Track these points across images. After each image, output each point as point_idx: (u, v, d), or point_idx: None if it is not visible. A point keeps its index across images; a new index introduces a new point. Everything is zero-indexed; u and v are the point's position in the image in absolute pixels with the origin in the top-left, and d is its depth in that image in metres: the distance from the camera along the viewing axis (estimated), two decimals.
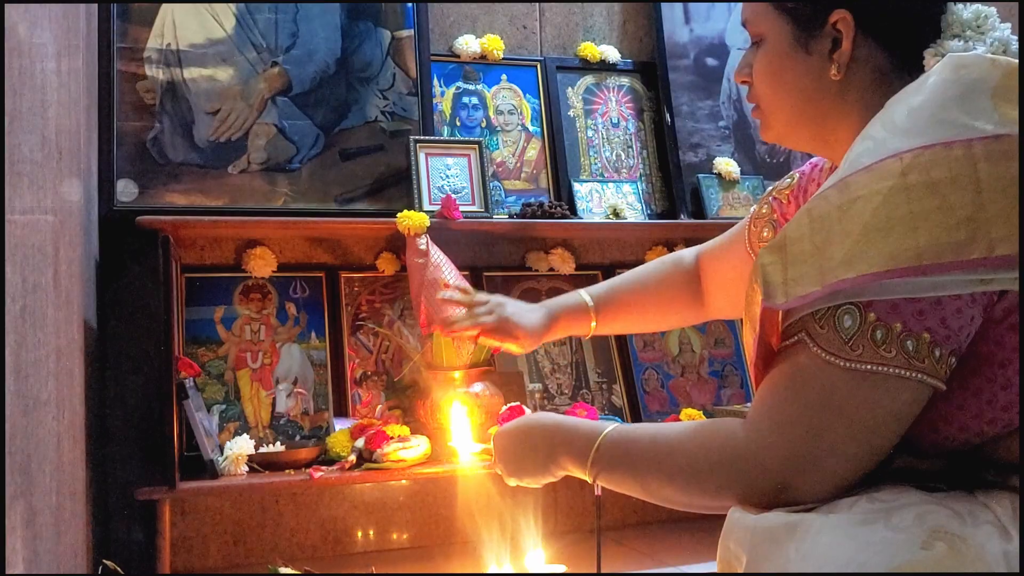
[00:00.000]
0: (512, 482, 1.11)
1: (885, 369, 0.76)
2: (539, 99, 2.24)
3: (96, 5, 1.85)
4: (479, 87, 2.20)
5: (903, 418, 0.79)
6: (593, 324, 1.35)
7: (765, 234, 1.21)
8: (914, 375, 0.76)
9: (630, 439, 0.95)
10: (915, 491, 0.80)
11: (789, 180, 1.20)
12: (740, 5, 1.03)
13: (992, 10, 0.91)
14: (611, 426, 0.97)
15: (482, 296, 1.36)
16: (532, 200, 2.08)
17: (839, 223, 0.77)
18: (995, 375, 0.79)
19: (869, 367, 0.76)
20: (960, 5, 0.91)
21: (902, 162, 0.76)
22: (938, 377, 0.77)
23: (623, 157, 2.27)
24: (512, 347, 1.33)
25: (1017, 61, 0.81)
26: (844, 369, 0.77)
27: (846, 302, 0.77)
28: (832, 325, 0.77)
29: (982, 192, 0.73)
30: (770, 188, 1.24)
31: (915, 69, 0.90)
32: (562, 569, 1.74)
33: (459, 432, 1.52)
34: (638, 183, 2.24)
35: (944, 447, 0.84)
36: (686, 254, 1.38)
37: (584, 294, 1.36)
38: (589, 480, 0.98)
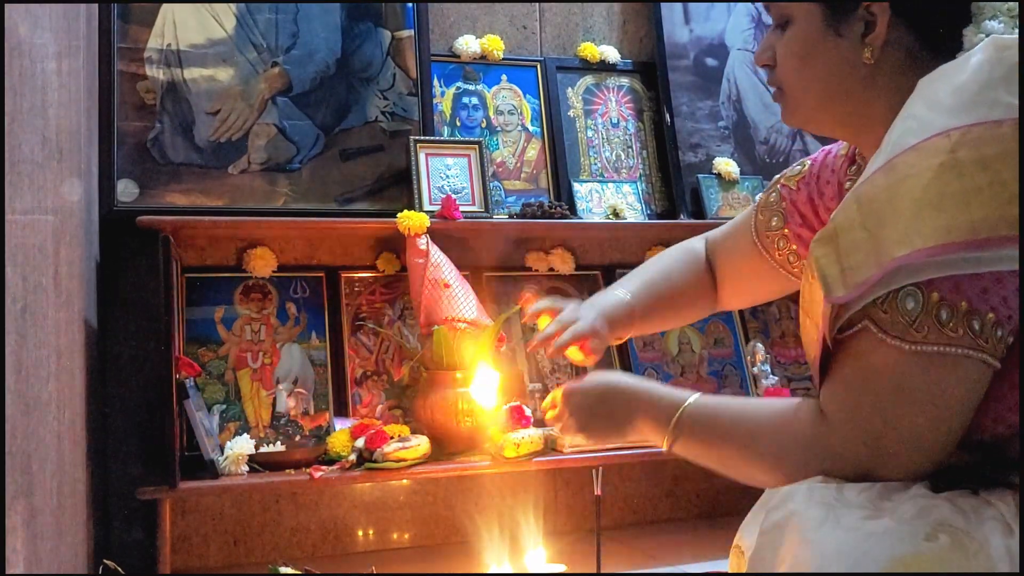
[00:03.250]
0: (569, 439, 1.08)
1: (953, 350, 0.75)
2: (539, 99, 2.24)
3: (96, 5, 1.85)
4: (479, 87, 2.20)
5: (972, 399, 0.78)
6: (634, 325, 1.24)
7: (774, 223, 1.18)
8: (979, 355, 0.76)
9: (712, 413, 0.95)
10: (920, 487, 0.81)
11: (800, 167, 1.18)
12: (740, 5, 1.02)
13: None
14: (693, 396, 0.97)
15: (560, 303, 1.24)
16: (532, 200, 2.08)
17: (889, 204, 0.77)
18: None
19: (936, 348, 0.76)
20: None
21: (950, 139, 0.76)
22: (998, 357, 0.76)
23: (623, 157, 2.27)
24: (588, 359, 1.18)
25: None
26: (911, 352, 0.76)
27: (907, 284, 0.76)
28: (895, 308, 0.77)
29: None
30: (778, 176, 1.21)
31: (945, 52, 0.90)
32: (562, 569, 1.74)
33: (484, 389, 1.46)
34: (638, 183, 2.24)
35: (976, 439, 0.83)
36: (696, 244, 1.33)
37: (623, 294, 1.23)
38: (664, 448, 0.98)
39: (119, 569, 1.51)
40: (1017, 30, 0.90)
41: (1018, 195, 0.74)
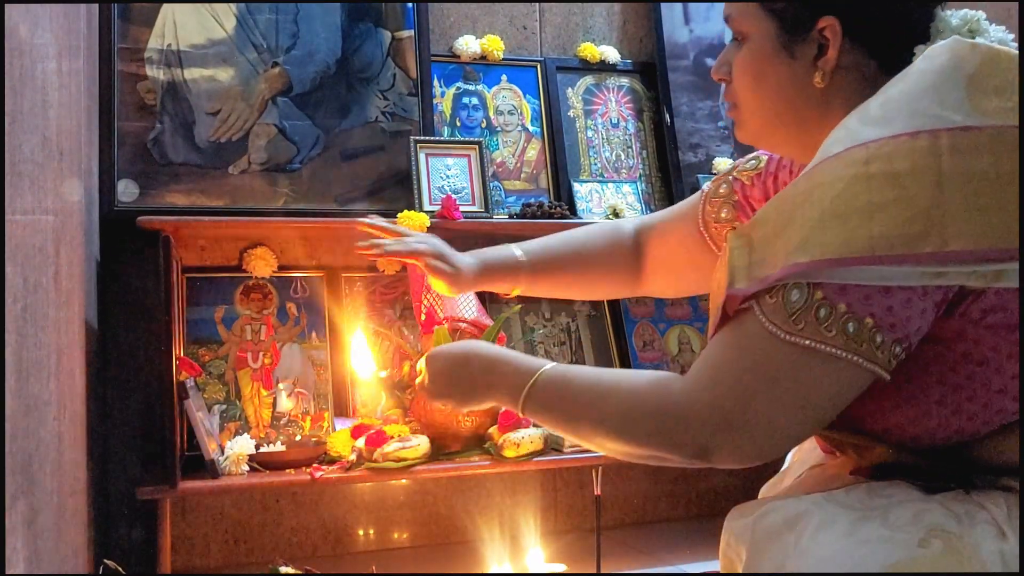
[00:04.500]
0: (437, 404, 1.10)
1: (823, 347, 0.76)
2: (539, 99, 2.24)
3: (97, 5, 1.86)
4: (479, 87, 2.20)
5: (836, 398, 0.79)
6: (518, 288, 1.29)
7: (724, 214, 1.17)
8: (851, 357, 0.76)
9: (567, 379, 0.95)
10: (913, 489, 0.81)
11: (755, 162, 1.16)
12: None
13: (981, 13, 0.89)
14: (549, 364, 0.97)
15: (405, 229, 1.31)
16: (532, 200, 2.08)
17: (800, 208, 0.78)
18: (974, 373, 0.79)
19: (808, 343, 0.76)
20: (949, 12, 0.90)
21: (867, 151, 0.76)
22: (878, 363, 0.76)
23: (623, 157, 2.28)
24: (442, 284, 1.25)
25: (1000, 47, 0.80)
26: (784, 342, 0.77)
27: (799, 280, 0.77)
28: (780, 298, 0.77)
29: (943, 185, 0.73)
30: (729, 168, 1.20)
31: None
32: (562, 569, 1.74)
33: (359, 356, 1.51)
34: (638, 183, 2.24)
35: (926, 443, 0.84)
36: (625, 224, 1.33)
37: (517, 252, 1.29)
38: (520, 413, 0.98)
39: (119, 569, 1.51)
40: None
41: (962, 205, 0.73)
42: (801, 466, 1.00)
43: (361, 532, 2.03)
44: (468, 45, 2.19)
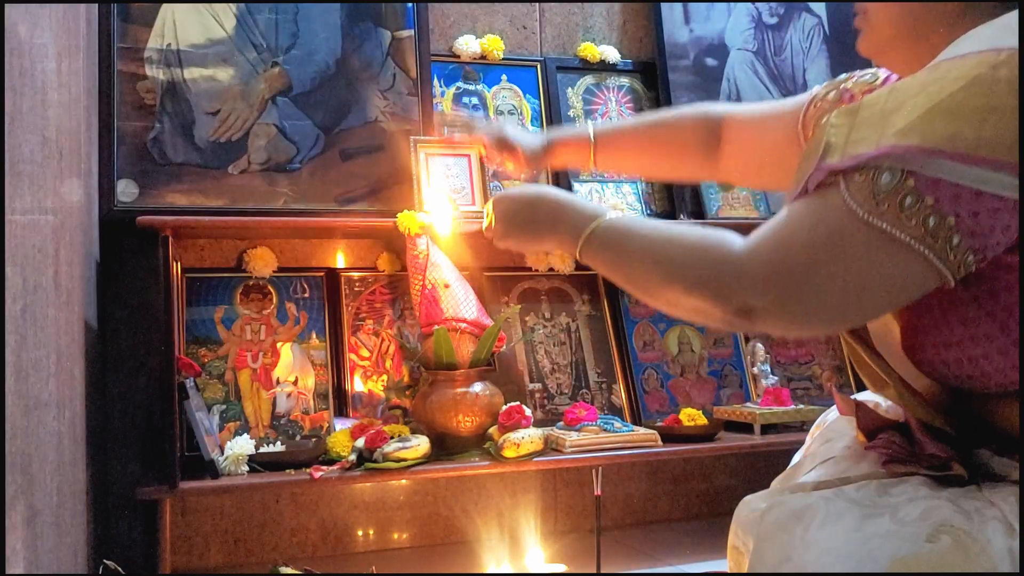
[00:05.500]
0: (501, 244, 1.12)
1: (899, 234, 0.75)
2: (539, 99, 2.24)
3: (96, 5, 1.85)
4: (479, 87, 2.20)
5: (895, 290, 0.78)
6: (592, 158, 1.30)
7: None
8: (923, 250, 0.75)
9: (631, 224, 0.96)
10: (924, 487, 0.80)
11: (871, 76, 1.15)
12: (740, 5, 1.01)
13: None
14: (616, 212, 0.98)
15: (481, 118, 1.36)
16: None
17: (913, 97, 0.77)
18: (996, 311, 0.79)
19: (885, 227, 0.76)
20: None
21: (998, 56, 0.75)
22: (947, 264, 0.76)
23: None
24: (510, 165, 1.29)
25: None
26: (862, 220, 0.76)
27: (893, 164, 0.76)
28: (870, 177, 0.77)
29: None
30: (843, 77, 1.18)
31: None
32: (562, 569, 1.74)
33: (439, 216, 1.64)
34: (638, 183, 2.24)
35: (978, 386, 0.83)
36: (712, 108, 1.31)
37: (589, 125, 1.31)
38: (577, 257, 0.99)
39: (119, 569, 1.51)
40: None
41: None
42: (812, 460, 1.00)
43: (361, 532, 2.03)
44: (468, 45, 2.19)
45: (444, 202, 1.71)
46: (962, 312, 0.81)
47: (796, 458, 1.09)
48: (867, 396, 1.07)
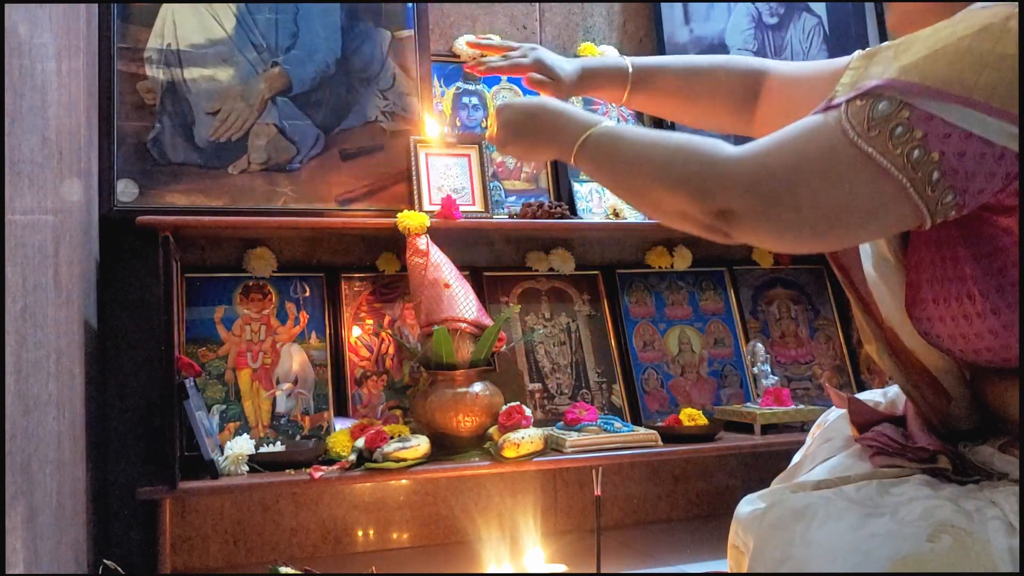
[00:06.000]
0: (503, 152, 1.15)
1: (882, 160, 0.77)
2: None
3: (96, 5, 1.85)
4: (479, 87, 2.20)
5: (873, 218, 0.79)
6: (626, 93, 1.31)
7: None
8: (902, 179, 0.76)
9: (624, 129, 0.99)
10: (924, 487, 0.80)
11: None
12: (740, 5, 1.01)
13: None
14: (611, 121, 1.01)
15: (512, 43, 1.36)
16: (532, 200, 2.08)
17: (925, 39, 0.79)
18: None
19: (870, 151, 0.77)
20: None
21: (1011, 8, 0.76)
22: (924, 199, 0.77)
23: None
24: (547, 89, 1.29)
25: None
26: (851, 142, 0.78)
27: (893, 95, 0.78)
28: (868, 104, 0.78)
29: None
30: (885, 44, 1.20)
31: None
32: (562, 569, 1.74)
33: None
34: None
35: (947, 336, 0.85)
36: (754, 62, 1.31)
37: (627, 60, 1.32)
38: (572, 163, 1.02)
39: (119, 569, 1.51)
40: None
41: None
42: (812, 460, 1.00)
43: (361, 532, 2.03)
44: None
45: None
46: (960, 269, 0.82)
47: (796, 458, 1.09)
48: (868, 396, 1.07)
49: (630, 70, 1.29)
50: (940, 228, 0.81)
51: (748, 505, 0.88)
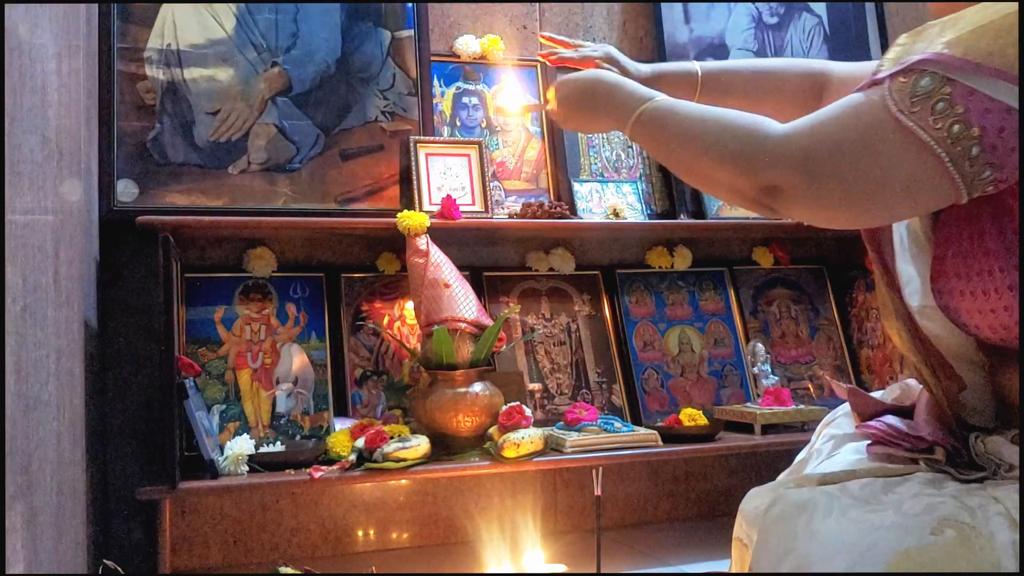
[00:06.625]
0: (564, 126, 1.19)
1: (923, 135, 0.78)
2: (539, 99, 2.24)
3: (96, 5, 1.85)
4: (479, 87, 2.20)
5: (914, 194, 0.80)
6: (696, 95, 1.34)
7: None
8: (942, 154, 0.77)
9: (679, 105, 1.02)
10: (927, 484, 0.81)
11: None
12: (740, 5, 1.02)
13: None
14: (665, 96, 1.04)
15: (583, 41, 1.40)
16: (532, 200, 2.08)
17: (971, 15, 0.80)
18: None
19: (912, 126, 0.78)
20: None
21: None
22: (962, 174, 0.77)
23: (623, 157, 2.27)
24: None
25: None
26: (893, 117, 0.79)
27: (936, 70, 0.78)
28: (912, 79, 0.79)
29: None
30: None
31: None
32: (562, 569, 1.74)
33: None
34: (638, 183, 2.24)
35: (965, 312, 0.85)
36: (814, 63, 1.35)
37: (696, 65, 1.36)
38: (628, 135, 1.06)
39: (119, 569, 1.51)
40: None
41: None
42: (818, 456, 1.01)
43: (361, 532, 2.03)
44: (468, 45, 2.18)
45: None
46: (984, 244, 0.83)
47: (802, 454, 1.09)
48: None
49: (700, 74, 1.33)
50: (971, 204, 0.82)
51: (753, 499, 0.89)
